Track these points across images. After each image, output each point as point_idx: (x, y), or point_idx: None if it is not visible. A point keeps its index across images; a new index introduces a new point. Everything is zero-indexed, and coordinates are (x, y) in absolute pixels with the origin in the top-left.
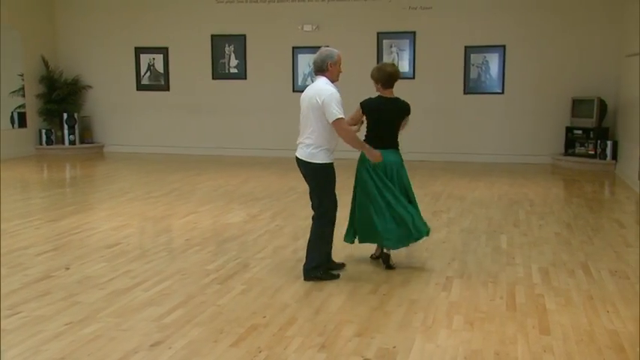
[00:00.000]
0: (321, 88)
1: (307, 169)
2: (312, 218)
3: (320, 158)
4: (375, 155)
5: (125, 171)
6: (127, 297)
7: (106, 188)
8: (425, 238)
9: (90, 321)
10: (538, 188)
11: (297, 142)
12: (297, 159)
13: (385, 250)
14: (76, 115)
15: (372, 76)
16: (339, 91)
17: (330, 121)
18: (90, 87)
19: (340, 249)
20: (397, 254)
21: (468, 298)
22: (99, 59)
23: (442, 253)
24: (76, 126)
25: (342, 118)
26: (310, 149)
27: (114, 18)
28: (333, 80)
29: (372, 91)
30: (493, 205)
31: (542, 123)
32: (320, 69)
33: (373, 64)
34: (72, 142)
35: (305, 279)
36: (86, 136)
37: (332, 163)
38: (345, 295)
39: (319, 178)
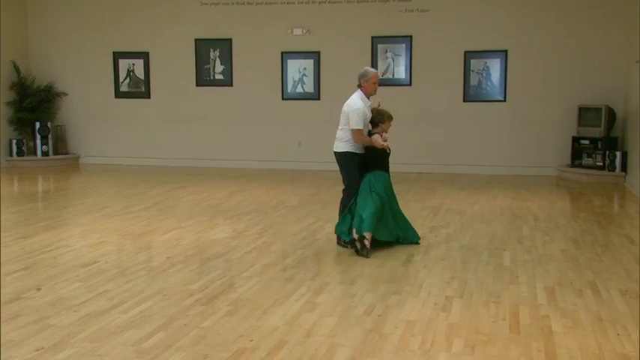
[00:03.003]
0: (351, 101)
1: (335, 156)
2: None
3: (342, 148)
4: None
5: (102, 184)
6: (104, 320)
7: (82, 202)
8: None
9: (63, 346)
10: (543, 202)
11: None
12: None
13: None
14: (49, 124)
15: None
16: (367, 104)
17: (350, 127)
18: (65, 94)
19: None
20: (395, 272)
21: (468, 320)
22: (74, 65)
23: (441, 272)
24: (50, 136)
25: (357, 129)
26: (337, 142)
27: (91, 21)
28: (368, 93)
29: None
30: (495, 220)
31: (546, 132)
32: (358, 84)
33: None
34: (45, 153)
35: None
36: (60, 146)
37: (350, 152)
38: (338, 317)
39: (341, 162)
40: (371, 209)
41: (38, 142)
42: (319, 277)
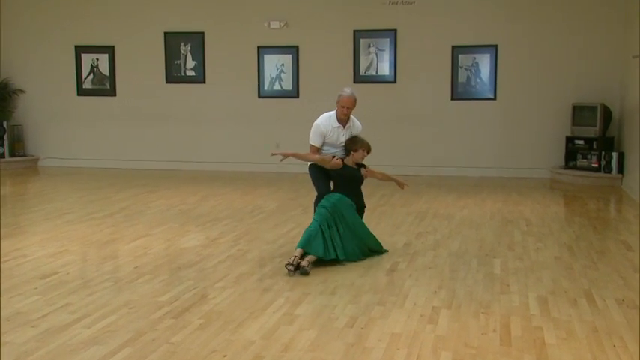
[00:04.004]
0: (320, 117)
1: None
2: None
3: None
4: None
5: (64, 188)
6: (65, 335)
7: (41, 208)
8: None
9: None
10: (535, 206)
11: None
12: None
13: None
14: (5, 123)
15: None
16: (336, 125)
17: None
18: (22, 91)
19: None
20: (378, 282)
21: (456, 332)
22: (33, 60)
23: (428, 280)
24: (6, 136)
25: (311, 145)
26: None
27: (51, 12)
28: (338, 115)
29: None
30: (485, 225)
31: (539, 132)
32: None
33: (349, 66)
34: (0, 155)
35: None
36: (17, 148)
37: (311, 164)
38: (318, 329)
39: (309, 173)
40: (307, 228)
41: None
42: (298, 287)
